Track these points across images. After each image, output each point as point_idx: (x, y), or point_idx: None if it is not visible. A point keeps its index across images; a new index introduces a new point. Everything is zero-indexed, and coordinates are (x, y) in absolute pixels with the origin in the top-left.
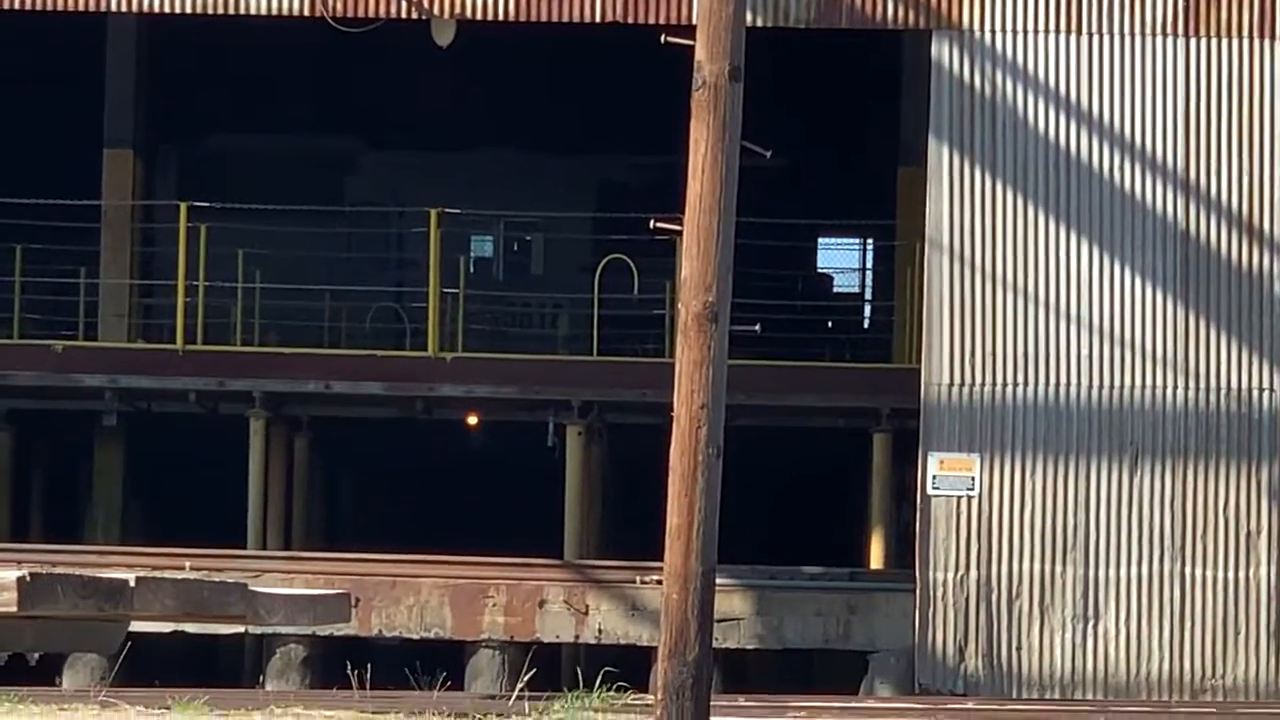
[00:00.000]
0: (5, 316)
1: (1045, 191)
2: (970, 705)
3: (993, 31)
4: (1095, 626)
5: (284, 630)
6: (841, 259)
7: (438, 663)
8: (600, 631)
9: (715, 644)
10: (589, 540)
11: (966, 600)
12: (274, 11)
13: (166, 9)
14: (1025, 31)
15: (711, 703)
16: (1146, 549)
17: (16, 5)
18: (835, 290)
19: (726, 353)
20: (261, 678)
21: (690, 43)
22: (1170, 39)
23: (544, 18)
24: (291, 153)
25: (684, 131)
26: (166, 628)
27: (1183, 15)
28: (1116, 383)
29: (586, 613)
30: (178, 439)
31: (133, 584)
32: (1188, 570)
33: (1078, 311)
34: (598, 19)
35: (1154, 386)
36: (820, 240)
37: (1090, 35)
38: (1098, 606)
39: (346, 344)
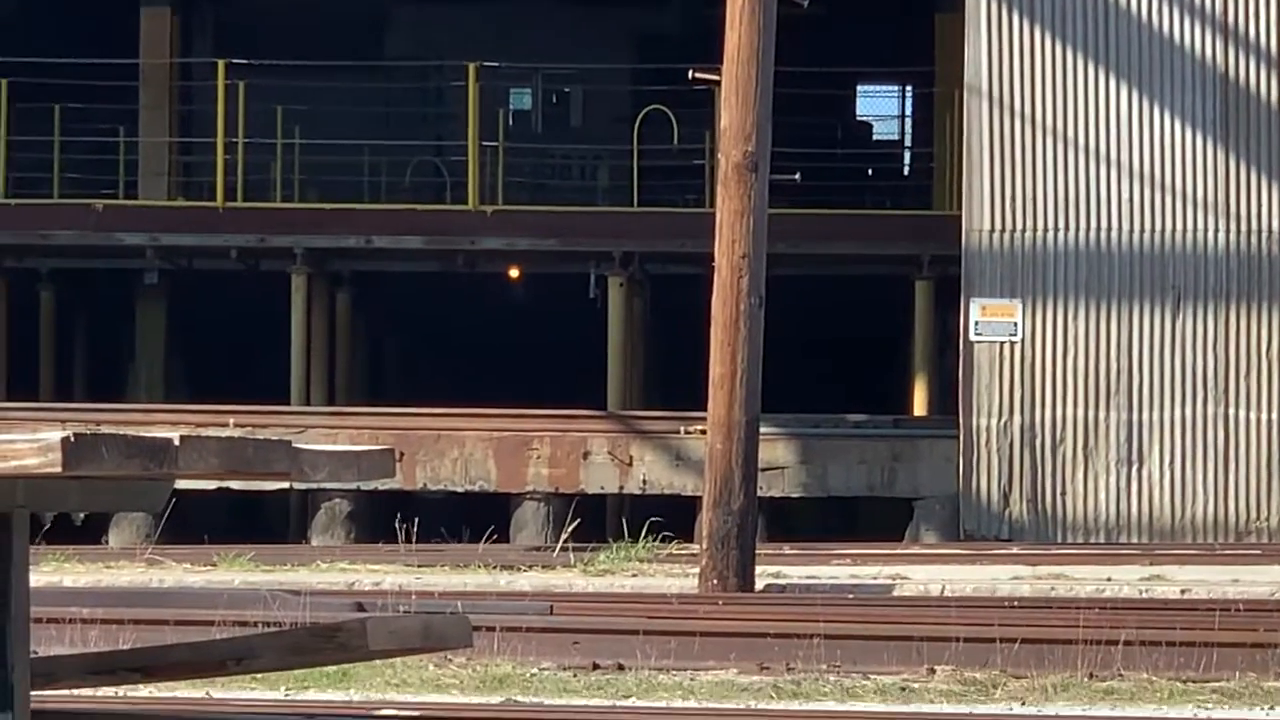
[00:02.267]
0: (45, 176)
1: (1084, 35)
2: (1015, 550)
3: None
4: (1139, 470)
5: (328, 486)
6: (880, 106)
7: (482, 515)
8: (644, 482)
9: (759, 493)
10: (632, 391)
11: (1010, 446)
12: None
13: None
14: None
15: (756, 551)
16: (1189, 392)
17: None
18: (875, 138)
19: (767, 202)
20: (307, 533)
21: None
22: None
23: None
24: (329, 8)
25: None
26: (211, 485)
27: None
28: (1158, 226)
29: (630, 463)
30: (219, 297)
31: (177, 443)
32: (1231, 412)
33: (1118, 156)
34: None
35: (1195, 230)
36: (859, 88)
37: None
38: (1141, 450)
39: (386, 199)
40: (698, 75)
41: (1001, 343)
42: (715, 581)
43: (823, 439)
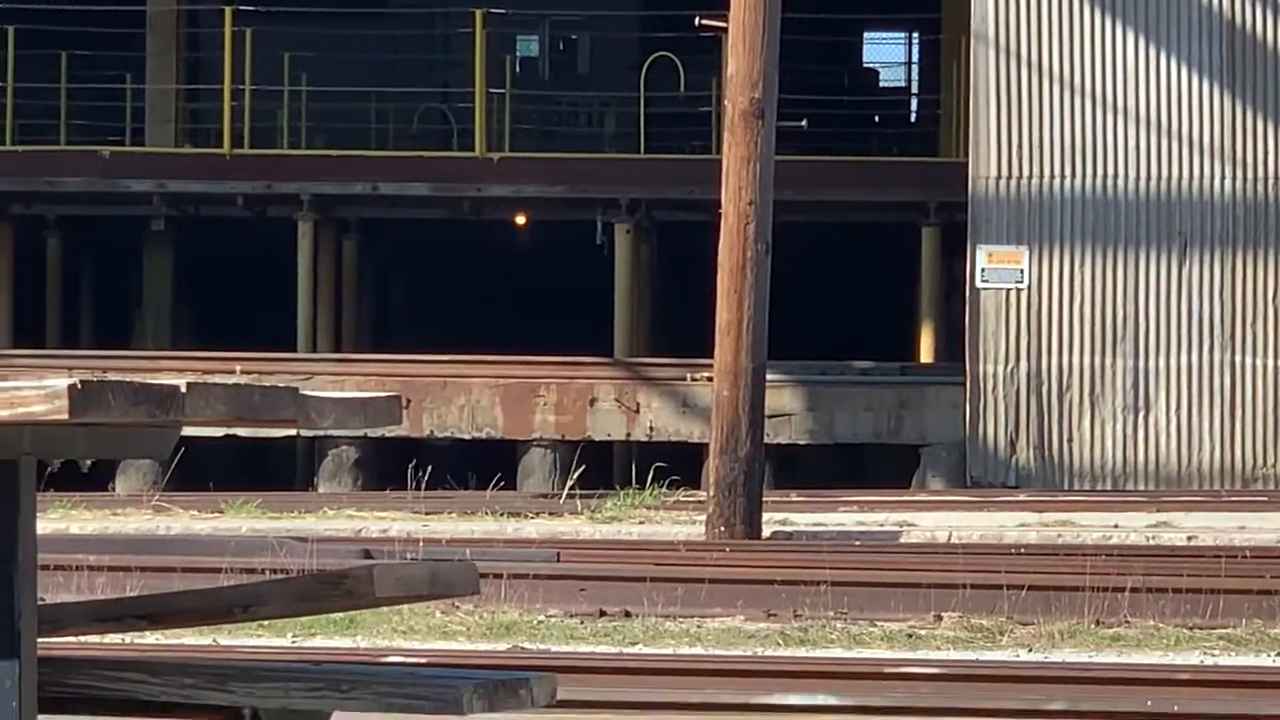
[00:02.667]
0: (52, 123)
1: None
2: (1021, 497)
3: None
4: (1146, 417)
5: (335, 433)
6: (887, 53)
7: (489, 463)
8: (651, 429)
9: (766, 440)
10: (639, 338)
11: (1017, 393)
12: None
13: None
14: None
15: (763, 498)
16: (1196, 338)
17: None
18: (881, 85)
19: (773, 149)
20: (314, 480)
21: None
22: None
23: None
24: None
25: None
26: (218, 432)
27: None
28: (1164, 173)
29: (637, 410)
30: (226, 244)
31: (184, 389)
32: (1238, 359)
33: (1125, 102)
34: None
35: (1202, 176)
36: (866, 35)
37: None
38: (1148, 397)
39: (393, 146)
40: (705, 22)
41: (1008, 289)
42: (722, 528)
43: (829, 386)
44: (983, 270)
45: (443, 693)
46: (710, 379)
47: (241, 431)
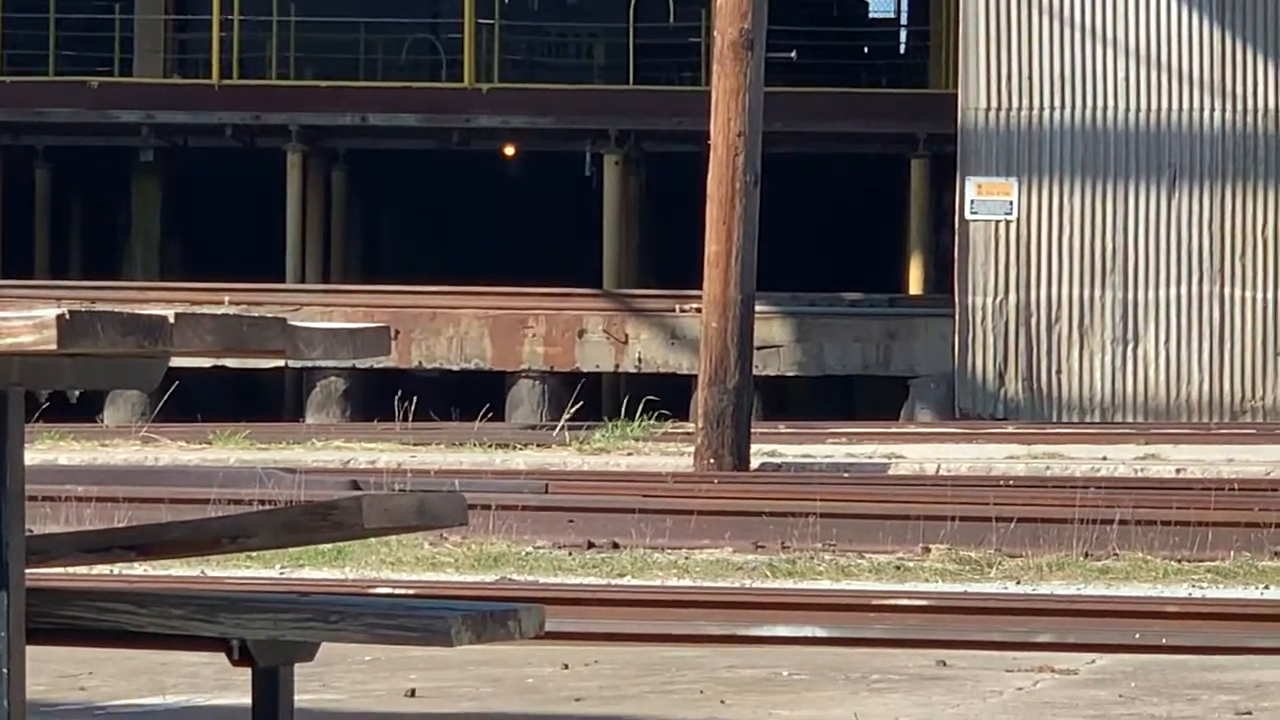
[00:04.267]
0: (40, 54)
1: None
2: (1010, 429)
3: None
4: (1134, 349)
5: (324, 364)
6: None
7: (478, 394)
8: (640, 360)
9: (755, 371)
10: (627, 270)
11: (1005, 325)
12: None
13: None
14: None
15: (751, 430)
16: (1185, 271)
17: None
18: (870, 15)
19: (762, 80)
20: (302, 411)
21: None
22: None
23: None
24: None
25: None
26: (206, 363)
27: None
28: (1154, 105)
29: (626, 342)
30: (215, 174)
31: (172, 320)
32: (1227, 291)
33: (1115, 34)
34: None
35: (1191, 109)
36: None
37: None
38: (1137, 329)
39: (382, 76)
40: None
41: (997, 221)
42: (711, 460)
43: (818, 317)
44: (972, 202)
45: (431, 624)
46: (699, 310)
47: (230, 362)
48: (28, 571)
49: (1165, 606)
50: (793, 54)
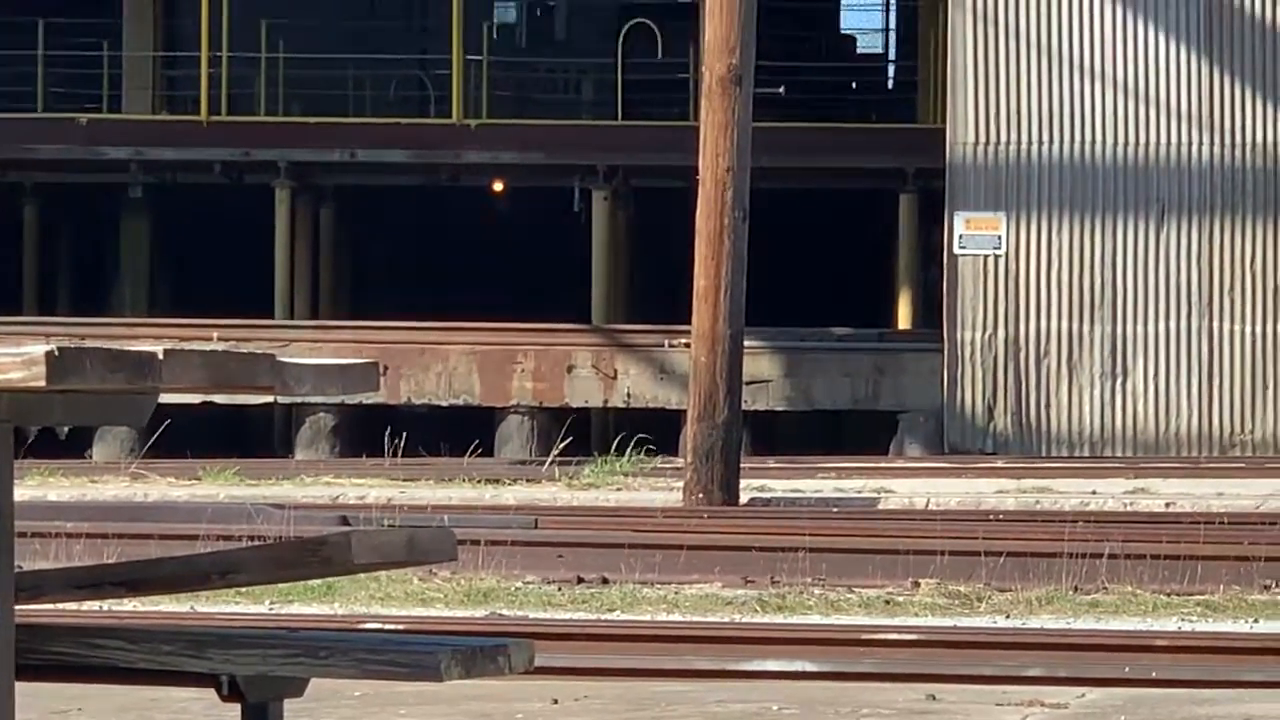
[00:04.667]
0: (29, 90)
1: None
2: (999, 464)
3: None
4: (1123, 384)
5: (313, 400)
6: (865, 20)
7: (467, 429)
8: (629, 395)
9: (744, 406)
10: (616, 305)
11: (994, 359)
12: None
13: None
14: None
15: (740, 465)
16: (1174, 305)
17: None
18: (859, 51)
19: (751, 115)
20: (291, 447)
21: None
22: None
23: None
24: None
25: None
26: (195, 399)
27: None
28: (1142, 139)
29: (615, 377)
30: (203, 210)
31: (161, 356)
32: (1215, 325)
33: (1103, 69)
34: None
35: (1179, 143)
36: (843, 1)
37: None
38: (1126, 363)
39: (371, 112)
40: None
41: (986, 256)
42: (700, 495)
43: (807, 352)
44: (961, 236)
45: (420, 659)
46: (688, 345)
47: (219, 398)
48: (17, 607)
49: (1155, 640)
50: (781, 89)
